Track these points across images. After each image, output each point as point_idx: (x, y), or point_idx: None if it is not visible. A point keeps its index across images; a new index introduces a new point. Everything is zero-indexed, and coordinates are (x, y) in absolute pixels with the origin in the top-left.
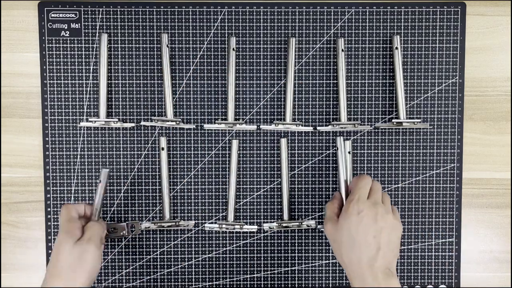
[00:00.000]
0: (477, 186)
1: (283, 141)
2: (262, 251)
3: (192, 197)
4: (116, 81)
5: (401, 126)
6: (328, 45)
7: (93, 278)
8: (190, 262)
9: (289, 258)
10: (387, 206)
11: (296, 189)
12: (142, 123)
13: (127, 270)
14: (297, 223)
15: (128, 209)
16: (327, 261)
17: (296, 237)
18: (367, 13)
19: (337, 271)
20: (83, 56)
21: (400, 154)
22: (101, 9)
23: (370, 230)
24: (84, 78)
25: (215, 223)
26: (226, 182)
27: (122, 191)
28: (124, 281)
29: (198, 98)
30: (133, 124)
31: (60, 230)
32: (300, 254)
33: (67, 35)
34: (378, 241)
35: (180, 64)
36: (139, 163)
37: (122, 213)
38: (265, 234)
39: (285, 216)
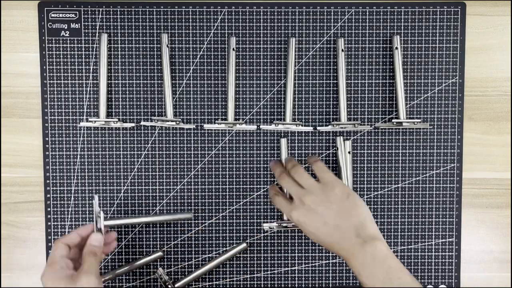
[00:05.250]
0: (477, 186)
1: (283, 141)
2: (262, 251)
3: (192, 197)
4: (116, 81)
5: (401, 126)
6: (328, 45)
7: None
8: (190, 262)
9: (289, 258)
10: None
11: None
12: (142, 123)
13: None
14: None
15: (128, 209)
16: (327, 261)
17: (296, 237)
18: (367, 13)
19: (337, 271)
20: (83, 56)
21: (400, 154)
22: (101, 9)
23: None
24: (84, 78)
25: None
26: (226, 182)
27: (122, 191)
28: (124, 281)
29: (198, 98)
30: (133, 124)
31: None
32: (300, 254)
33: (67, 35)
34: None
35: (180, 64)
36: (139, 163)
37: (122, 213)
38: (265, 234)
39: (285, 216)
